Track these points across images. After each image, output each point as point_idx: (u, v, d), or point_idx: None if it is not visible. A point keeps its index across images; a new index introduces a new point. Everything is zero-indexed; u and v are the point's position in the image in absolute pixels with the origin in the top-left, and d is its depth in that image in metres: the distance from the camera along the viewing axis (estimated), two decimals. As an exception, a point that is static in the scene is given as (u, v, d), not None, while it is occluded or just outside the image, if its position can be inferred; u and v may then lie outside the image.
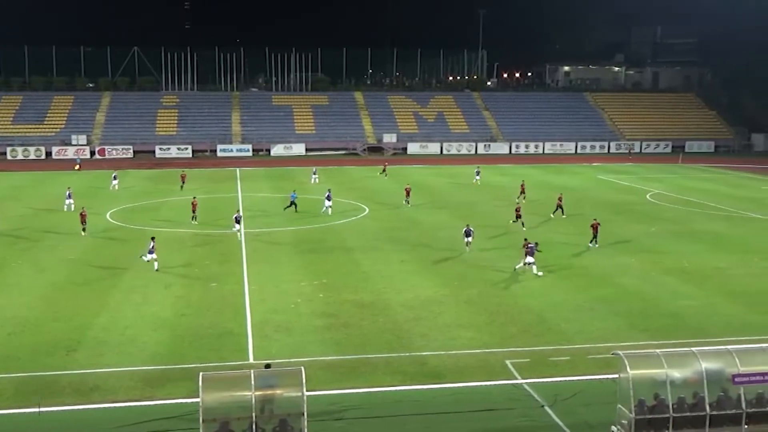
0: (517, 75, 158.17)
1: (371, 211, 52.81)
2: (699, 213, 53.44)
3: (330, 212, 50.49)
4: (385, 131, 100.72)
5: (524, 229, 45.06)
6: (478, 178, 67.90)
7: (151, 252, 35.56)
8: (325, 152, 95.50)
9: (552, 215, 50.21)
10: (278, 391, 18.43)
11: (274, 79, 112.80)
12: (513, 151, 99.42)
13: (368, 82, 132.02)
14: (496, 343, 26.45)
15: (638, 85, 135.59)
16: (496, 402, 21.67)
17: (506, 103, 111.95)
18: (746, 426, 19.04)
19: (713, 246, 42.21)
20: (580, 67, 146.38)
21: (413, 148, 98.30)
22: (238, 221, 43.17)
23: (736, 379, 19.11)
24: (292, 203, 51.23)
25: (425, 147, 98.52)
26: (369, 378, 23.39)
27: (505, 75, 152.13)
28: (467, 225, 40.37)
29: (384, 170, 73.37)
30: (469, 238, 39.62)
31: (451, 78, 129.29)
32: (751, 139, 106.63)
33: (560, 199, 50.82)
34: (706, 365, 19.19)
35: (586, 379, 23.21)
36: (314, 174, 68.38)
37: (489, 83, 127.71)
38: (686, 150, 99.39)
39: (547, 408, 21.26)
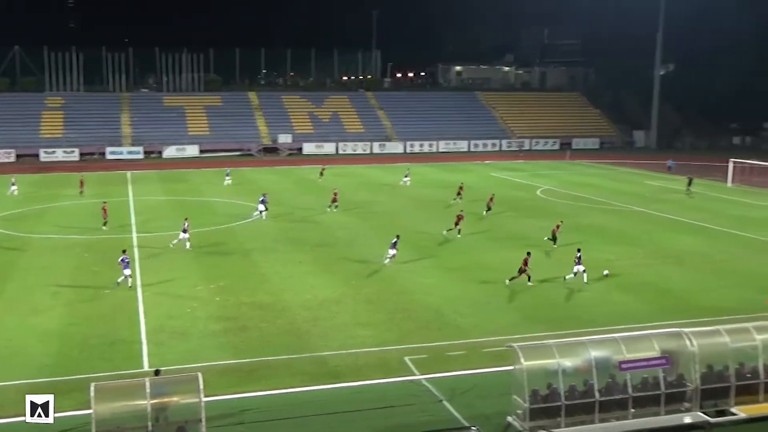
0: (411, 75, 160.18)
1: (269, 213, 52.20)
2: (586, 207, 55.50)
3: (264, 216, 49.60)
4: (280, 131, 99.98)
5: (458, 236, 43.34)
6: (406, 179, 66.46)
7: (126, 267, 32.58)
8: (220, 153, 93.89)
9: (485, 213, 50.34)
10: (174, 399, 18.09)
11: (165, 79, 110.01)
12: (408, 150, 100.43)
13: (262, 83, 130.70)
14: (394, 340, 26.70)
15: (527, 85, 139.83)
16: (396, 399, 21.88)
17: (400, 103, 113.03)
18: (633, 410, 19.97)
19: (601, 239, 43.87)
20: (471, 66, 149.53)
21: (309, 148, 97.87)
22: (185, 231, 40.57)
23: (623, 366, 20.03)
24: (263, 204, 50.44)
25: (321, 147, 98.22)
26: (269, 380, 23.18)
27: (399, 75, 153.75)
28: (397, 236, 37.48)
29: (322, 173, 71.30)
30: (393, 251, 36.63)
31: (345, 78, 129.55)
32: (633, 136, 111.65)
33: (491, 200, 51.32)
34: (595, 354, 20.03)
35: (482, 372, 23.73)
36: (227, 176, 67.08)
37: (383, 83, 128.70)
38: (573, 147, 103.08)
39: (445, 402, 21.63)
